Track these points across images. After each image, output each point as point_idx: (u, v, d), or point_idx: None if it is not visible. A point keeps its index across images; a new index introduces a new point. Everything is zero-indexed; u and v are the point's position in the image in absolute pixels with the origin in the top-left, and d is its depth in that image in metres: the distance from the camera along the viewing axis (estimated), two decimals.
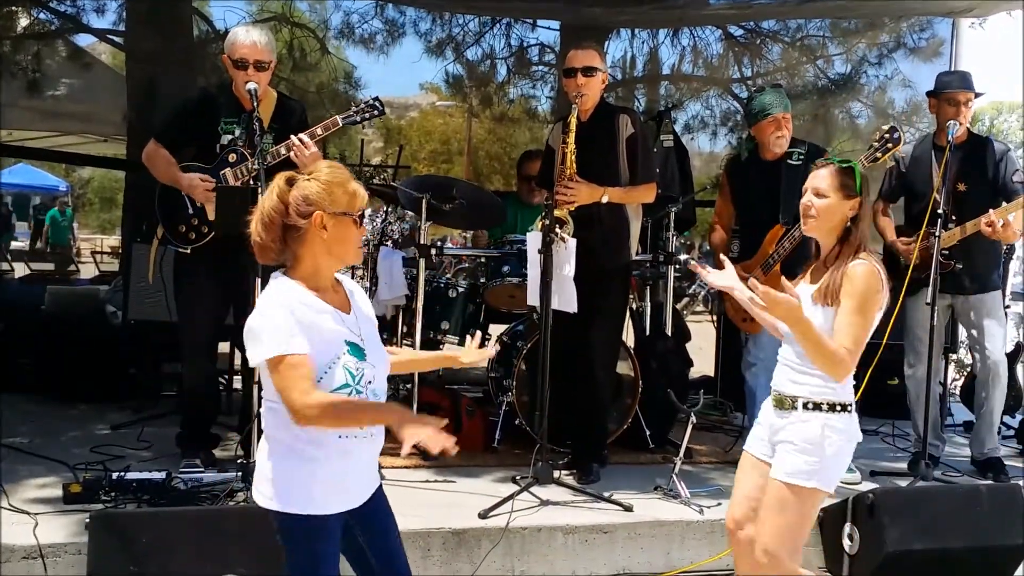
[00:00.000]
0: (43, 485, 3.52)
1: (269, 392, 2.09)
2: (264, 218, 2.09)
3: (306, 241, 2.09)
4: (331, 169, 2.14)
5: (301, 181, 2.11)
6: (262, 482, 2.12)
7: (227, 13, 10.15)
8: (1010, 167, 4.26)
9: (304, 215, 2.07)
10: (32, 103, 7.71)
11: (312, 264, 2.12)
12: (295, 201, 2.08)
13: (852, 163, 2.65)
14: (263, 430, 2.16)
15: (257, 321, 2.04)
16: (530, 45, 8.81)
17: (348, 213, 2.11)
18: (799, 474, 2.52)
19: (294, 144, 3.65)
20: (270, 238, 2.09)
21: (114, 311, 5.47)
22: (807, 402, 2.54)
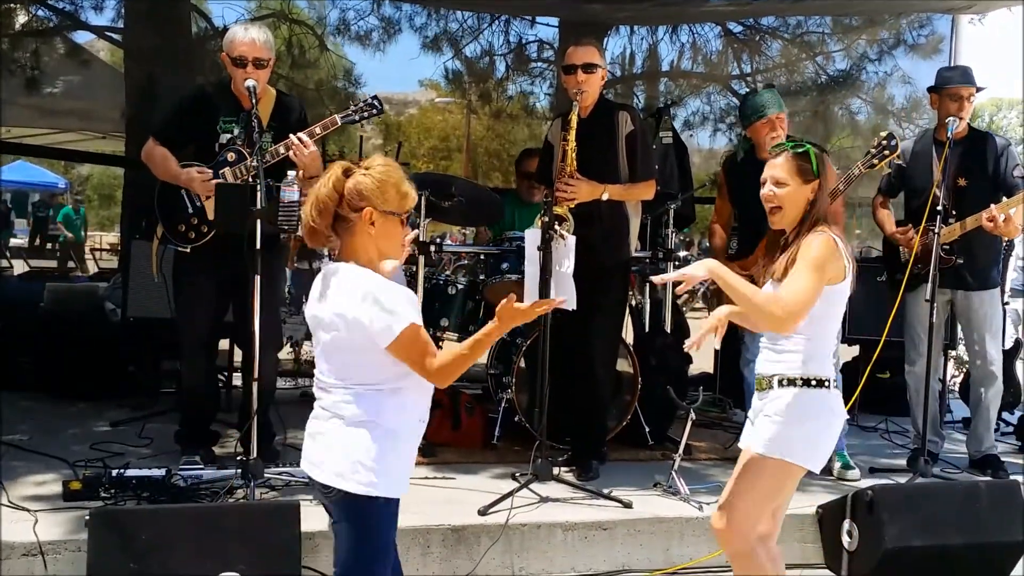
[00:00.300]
0: (43, 482, 3.53)
1: (367, 376, 2.15)
2: (319, 204, 2.16)
3: (354, 233, 2.18)
4: (386, 167, 2.20)
5: (357, 174, 2.18)
6: (358, 470, 2.13)
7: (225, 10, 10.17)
8: (1010, 162, 4.25)
9: (355, 208, 2.16)
10: (31, 100, 7.71)
11: (367, 256, 2.20)
12: (349, 193, 2.16)
13: (806, 146, 2.62)
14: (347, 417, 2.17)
15: (381, 294, 2.10)
16: (529, 42, 8.81)
17: (396, 213, 2.19)
18: (768, 443, 2.54)
19: (293, 143, 3.65)
20: (323, 223, 2.18)
21: (113, 308, 5.47)
22: (782, 379, 2.56)
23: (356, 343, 2.14)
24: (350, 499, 2.15)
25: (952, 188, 4.21)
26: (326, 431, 2.21)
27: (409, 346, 2.11)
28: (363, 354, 2.14)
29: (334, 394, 2.20)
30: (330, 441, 2.19)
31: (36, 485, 3.49)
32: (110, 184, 23.84)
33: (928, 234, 4.09)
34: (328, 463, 2.18)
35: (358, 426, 2.16)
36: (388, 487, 2.16)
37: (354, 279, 2.15)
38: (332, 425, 2.19)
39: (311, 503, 3.38)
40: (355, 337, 2.13)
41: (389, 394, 2.17)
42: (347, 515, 2.18)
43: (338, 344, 2.17)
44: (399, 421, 2.18)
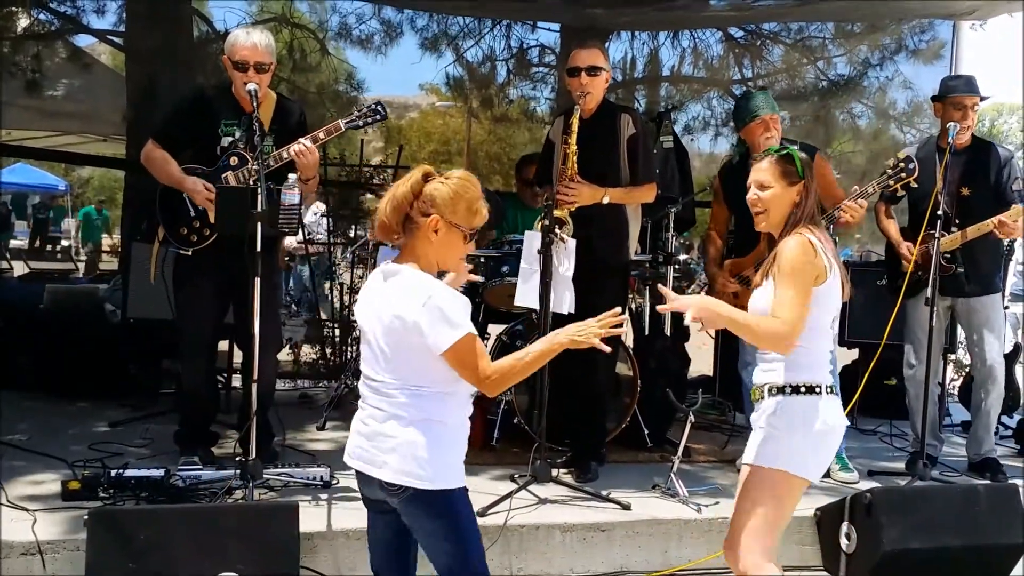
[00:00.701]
0: (42, 482, 3.53)
1: (425, 378, 2.21)
2: (394, 201, 2.25)
3: (418, 237, 2.26)
4: (465, 182, 2.28)
5: (435, 181, 2.26)
6: (424, 466, 2.20)
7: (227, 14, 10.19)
8: (1011, 175, 4.27)
9: (424, 213, 2.24)
10: (32, 103, 7.72)
11: (427, 260, 2.28)
12: (423, 197, 2.24)
13: (789, 149, 2.61)
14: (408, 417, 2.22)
15: (445, 303, 2.16)
16: (530, 46, 8.82)
17: (461, 227, 2.27)
18: (759, 453, 2.52)
19: (296, 149, 3.65)
20: (395, 220, 2.25)
21: (113, 309, 5.48)
22: (771, 387, 2.54)
23: (414, 346, 2.19)
24: (422, 495, 2.21)
25: (956, 197, 4.22)
26: (386, 432, 2.25)
27: (464, 356, 2.18)
28: (421, 357, 2.20)
29: (391, 395, 2.25)
30: (391, 442, 2.24)
31: (35, 485, 3.49)
32: (110, 187, 23.84)
33: (929, 240, 4.10)
34: (392, 463, 2.23)
35: (418, 425, 2.22)
36: (452, 479, 2.24)
37: (416, 283, 2.21)
38: (390, 426, 2.25)
39: (310, 504, 3.40)
40: (413, 340, 2.19)
41: (445, 395, 2.24)
42: (425, 511, 2.24)
43: (397, 346, 2.23)
44: (454, 418, 2.26)
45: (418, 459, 2.21)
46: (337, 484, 3.64)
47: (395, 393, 2.24)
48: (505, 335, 4.79)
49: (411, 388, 2.23)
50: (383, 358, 2.26)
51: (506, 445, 4.38)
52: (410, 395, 2.23)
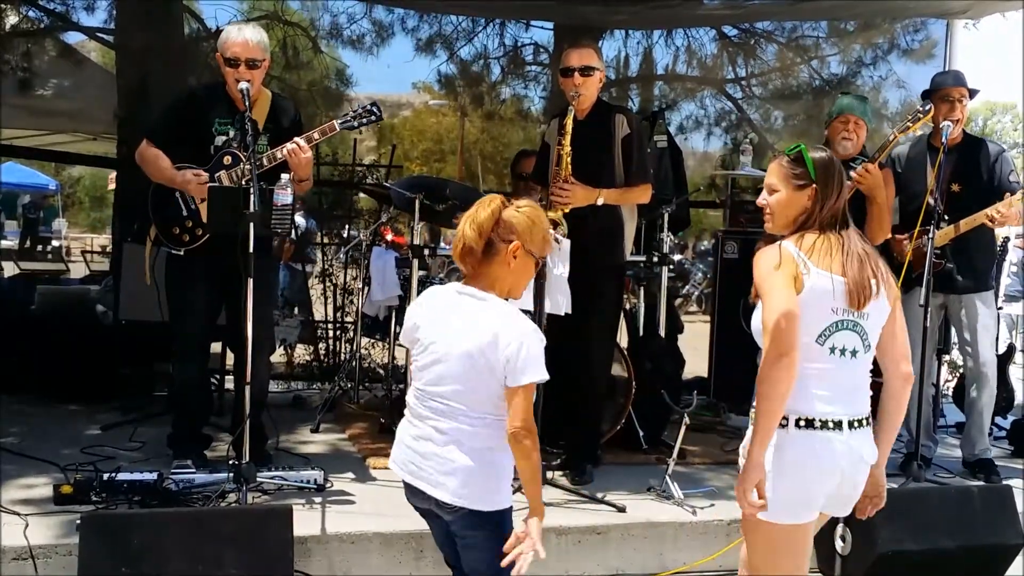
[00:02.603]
0: (34, 486, 3.50)
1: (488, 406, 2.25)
2: (479, 227, 2.29)
3: (495, 263, 2.30)
4: (537, 210, 2.36)
5: (511, 209, 2.32)
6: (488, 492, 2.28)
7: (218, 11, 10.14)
8: (1006, 167, 4.29)
9: (505, 239, 2.29)
10: (21, 101, 7.66)
11: (502, 287, 2.33)
12: (505, 223, 2.29)
13: (800, 147, 2.40)
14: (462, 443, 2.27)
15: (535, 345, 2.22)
16: (524, 45, 8.80)
17: (536, 255, 2.34)
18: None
19: (290, 149, 3.63)
20: (480, 246, 2.29)
21: (104, 311, 5.44)
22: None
23: (485, 375, 2.23)
24: (476, 514, 2.28)
25: (946, 193, 4.23)
26: (445, 455, 2.28)
27: (525, 399, 2.22)
28: (490, 385, 2.24)
29: (456, 419, 2.28)
30: (450, 466, 2.28)
31: (27, 489, 3.47)
32: (101, 186, 23.75)
33: (922, 238, 4.11)
34: (450, 485, 2.28)
35: (479, 453, 2.27)
36: (504, 500, 2.31)
37: (508, 316, 2.26)
38: (450, 451, 2.28)
39: (303, 507, 3.38)
40: (496, 371, 2.22)
41: (499, 421, 2.27)
42: (475, 526, 2.30)
43: (476, 373, 2.24)
44: (503, 443, 2.28)
45: (476, 484, 2.27)
46: (331, 487, 3.63)
47: (461, 418, 2.28)
48: None
49: (477, 416, 2.27)
50: (453, 380, 2.28)
51: None
52: (475, 422, 2.27)
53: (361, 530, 3.23)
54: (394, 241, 7.07)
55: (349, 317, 6.44)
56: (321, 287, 6.88)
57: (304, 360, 6.53)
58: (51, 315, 5.51)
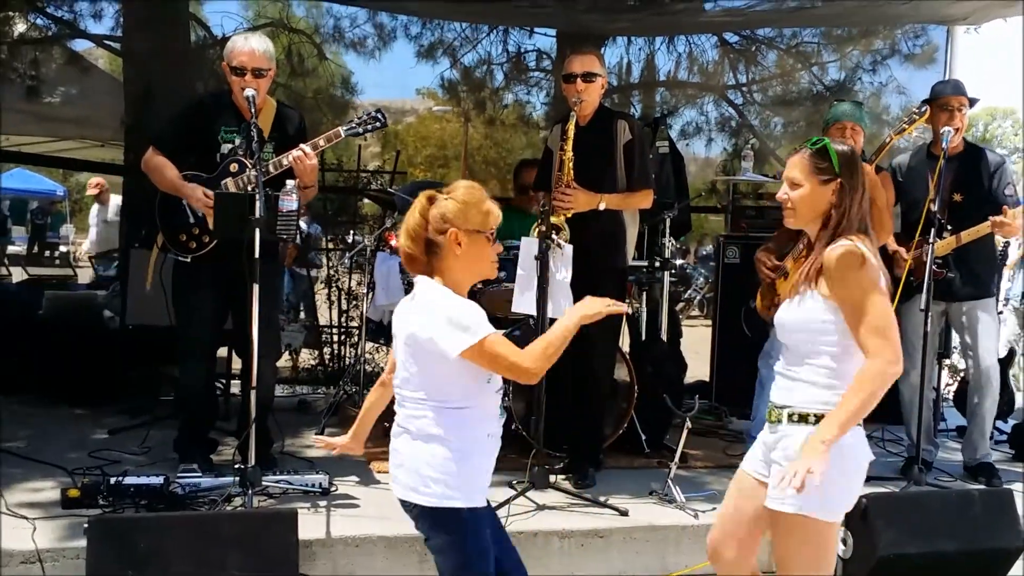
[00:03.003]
0: (41, 490, 3.54)
1: (435, 392, 2.24)
2: (410, 232, 2.30)
3: (444, 255, 2.29)
4: (468, 189, 2.33)
5: (440, 200, 2.30)
6: (426, 482, 2.23)
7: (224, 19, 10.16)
8: (1003, 180, 4.30)
9: (441, 231, 2.27)
10: (29, 108, 7.71)
11: (453, 277, 2.30)
12: (434, 219, 2.28)
13: (824, 140, 2.37)
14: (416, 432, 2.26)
15: (453, 313, 2.19)
16: (527, 51, 8.84)
17: (481, 231, 2.29)
18: (786, 500, 2.24)
19: (296, 156, 3.67)
20: (418, 250, 2.30)
21: (112, 316, 5.48)
22: (792, 414, 2.32)
23: (424, 358, 2.24)
24: (428, 512, 2.25)
25: (948, 202, 4.25)
26: (397, 447, 2.31)
27: (492, 355, 2.19)
28: (431, 369, 2.24)
29: (406, 408, 2.30)
30: (399, 457, 2.30)
31: (34, 492, 3.50)
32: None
33: (923, 246, 4.13)
34: (401, 477, 2.29)
35: (425, 440, 2.25)
36: (460, 497, 2.24)
37: (430, 299, 2.26)
38: (402, 441, 2.30)
39: (309, 511, 3.41)
40: (424, 352, 2.23)
41: (455, 411, 2.25)
42: (432, 527, 2.28)
43: (416, 359, 2.27)
44: (464, 436, 2.26)
45: (421, 475, 2.24)
46: (336, 491, 3.66)
47: (410, 407, 2.29)
48: None
49: (422, 402, 2.26)
50: (403, 367, 2.31)
51: (504, 451, 4.34)
52: (420, 409, 2.27)
53: (365, 534, 3.26)
54: (398, 246, 7.08)
55: (354, 322, 6.48)
56: (326, 292, 6.91)
57: (309, 364, 6.57)
58: (58, 320, 5.55)
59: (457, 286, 2.31)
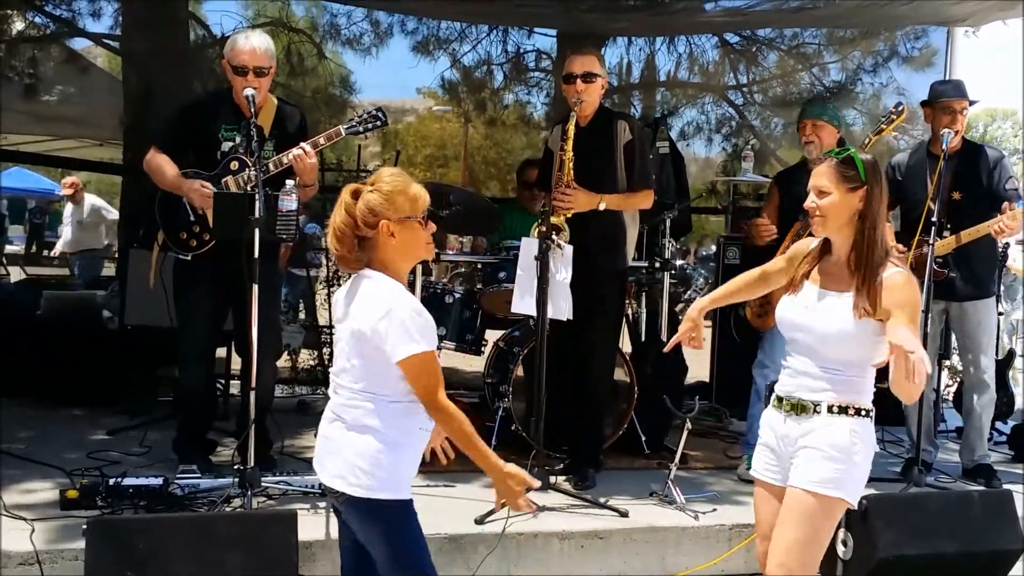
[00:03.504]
0: (39, 491, 3.53)
1: (373, 385, 2.21)
2: (336, 232, 2.24)
3: (378, 247, 2.25)
4: (392, 177, 2.28)
5: (365, 193, 2.25)
6: (356, 473, 2.20)
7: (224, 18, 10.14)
8: (1003, 174, 4.29)
9: (371, 225, 2.23)
10: (28, 107, 7.71)
11: (394, 268, 2.28)
12: (361, 213, 2.23)
13: (850, 150, 2.49)
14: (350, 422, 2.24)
15: (406, 315, 2.17)
16: (526, 51, 8.84)
17: (412, 217, 2.26)
18: (826, 482, 2.39)
19: (296, 154, 3.66)
20: (346, 249, 2.25)
21: (110, 316, 5.47)
22: (832, 405, 2.43)
23: (368, 352, 2.21)
24: (357, 502, 2.22)
25: (947, 201, 4.24)
26: (329, 434, 2.29)
27: (421, 371, 2.19)
28: (374, 364, 2.21)
29: (340, 396, 2.28)
30: (331, 445, 2.28)
31: (33, 494, 3.49)
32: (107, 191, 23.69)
33: (923, 246, 4.13)
34: (329, 465, 2.26)
35: (360, 431, 2.23)
36: (386, 489, 2.22)
37: (380, 292, 2.22)
38: (335, 428, 2.28)
39: (308, 512, 3.40)
40: (369, 347, 2.20)
41: (393, 405, 2.23)
42: (362, 519, 2.25)
43: (353, 349, 2.24)
44: (397, 428, 2.24)
45: (350, 465, 2.21)
46: None
47: (347, 396, 2.26)
48: (502, 341, 4.81)
49: (357, 393, 2.24)
50: (344, 358, 2.28)
51: (504, 452, 4.31)
52: (355, 400, 2.24)
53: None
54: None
55: None
56: (326, 292, 6.91)
57: (308, 365, 6.56)
58: (57, 320, 5.54)
59: (398, 275, 2.28)
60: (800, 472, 2.44)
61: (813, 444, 2.43)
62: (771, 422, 2.57)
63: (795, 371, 2.52)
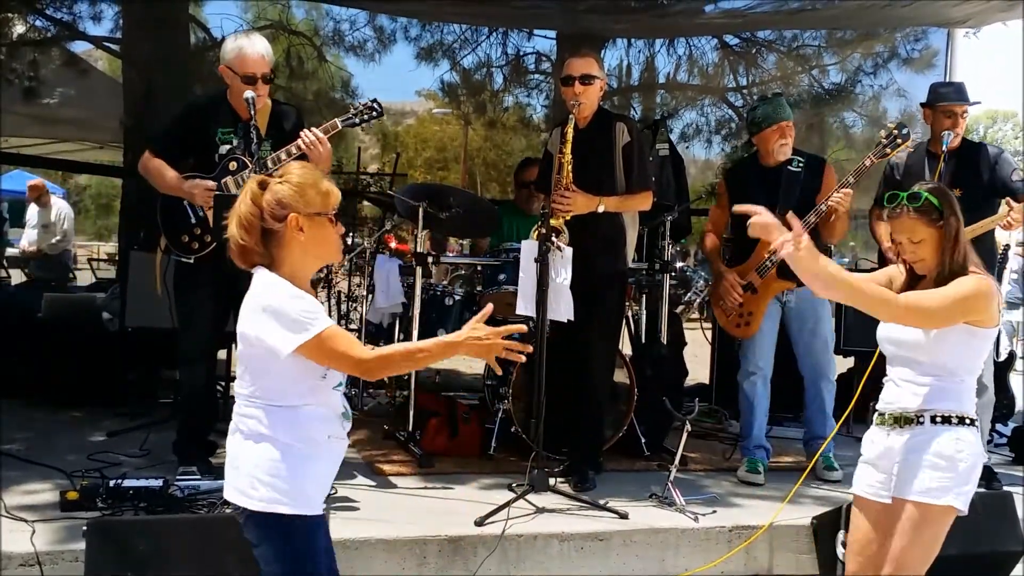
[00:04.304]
0: (40, 492, 3.53)
1: (266, 390, 2.09)
2: (243, 222, 2.11)
3: (284, 243, 2.11)
4: (302, 170, 2.15)
5: (273, 184, 2.12)
6: (254, 485, 2.08)
7: (224, 21, 10.19)
8: (1007, 167, 4.27)
9: (279, 218, 2.09)
10: (29, 110, 7.72)
11: (290, 266, 2.13)
12: (268, 205, 2.09)
13: (921, 194, 2.57)
14: (247, 432, 2.13)
15: (283, 307, 2.04)
16: (526, 54, 8.86)
17: (323, 213, 2.12)
18: (933, 491, 2.46)
19: (309, 140, 3.59)
20: (252, 241, 2.11)
21: (111, 318, 5.48)
22: (935, 415, 2.50)
23: (256, 355, 2.09)
24: (254, 516, 2.08)
25: None
26: (229, 446, 2.17)
27: (322, 354, 2.05)
28: (261, 368, 2.09)
29: (240, 406, 2.15)
30: (230, 456, 2.15)
31: (33, 495, 3.49)
32: (108, 194, 23.84)
33: None
34: (231, 479, 2.13)
35: (256, 440, 2.10)
36: (288, 503, 2.07)
37: (260, 291, 2.09)
38: (234, 440, 2.16)
39: None
40: (256, 350, 2.08)
41: (286, 410, 2.10)
42: (258, 534, 2.10)
43: (248, 357, 2.12)
44: (298, 437, 2.09)
45: (250, 477, 2.08)
46: (335, 493, 3.64)
47: (244, 405, 2.13)
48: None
49: (253, 400, 2.11)
50: (240, 362, 2.15)
51: (503, 454, 4.39)
52: (252, 408, 2.11)
53: (365, 536, 3.25)
54: (398, 249, 7.11)
55: (353, 324, 6.47)
56: (325, 294, 6.91)
57: None
58: (58, 322, 5.55)
59: (298, 275, 2.13)
60: (907, 483, 2.51)
61: (918, 455, 2.50)
62: (873, 438, 2.65)
63: (896, 382, 2.60)
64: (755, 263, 4.27)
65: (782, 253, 2.37)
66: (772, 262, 4.19)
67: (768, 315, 4.28)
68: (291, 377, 2.07)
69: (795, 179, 4.21)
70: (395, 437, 4.58)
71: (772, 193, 4.20)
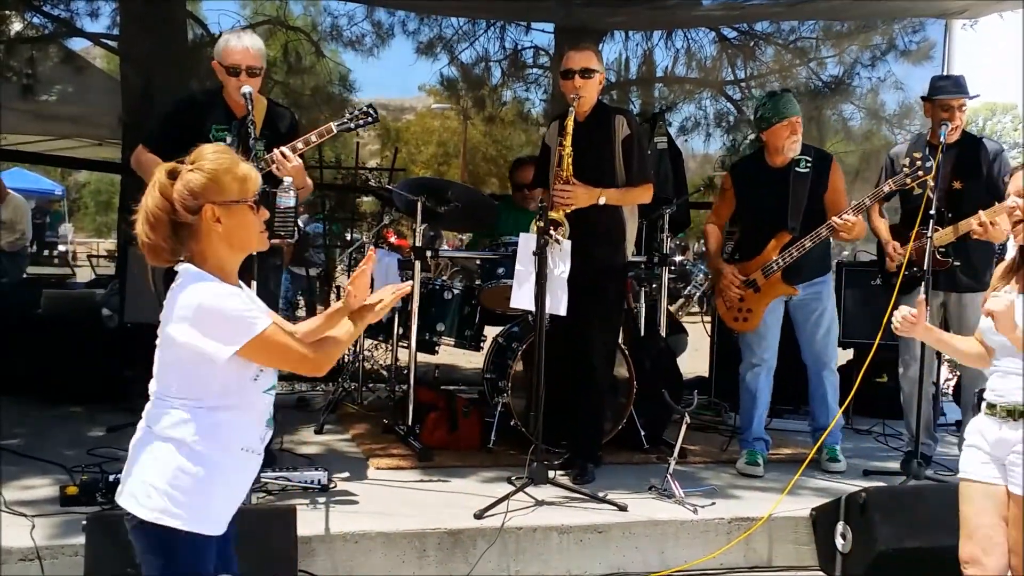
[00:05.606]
0: (39, 487, 3.53)
1: (190, 391, 1.91)
2: (149, 217, 1.89)
3: (202, 236, 1.92)
4: (216, 155, 1.94)
5: (184, 173, 1.91)
6: (148, 492, 1.89)
7: (222, 17, 10.19)
8: (1003, 168, 4.29)
9: (192, 210, 1.88)
10: (27, 107, 7.73)
11: (216, 260, 1.94)
12: (180, 196, 1.88)
13: None
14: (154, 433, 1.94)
15: (218, 306, 1.86)
16: (524, 48, 8.85)
17: (242, 200, 1.94)
18: None
19: (276, 158, 3.57)
20: (160, 238, 1.89)
21: (110, 314, 5.48)
22: None
23: (184, 358, 1.90)
24: (142, 526, 1.89)
25: (947, 191, 4.24)
26: (132, 446, 1.97)
27: (262, 354, 1.90)
28: (185, 367, 1.91)
29: (150, 404, 1.97)
30: (129, 458, 1.96)
31: (32, 490, 3.50)
32: (107, 190, 23.86)
33: (922, 237, 4.12)
34: (127, 480, 1.94)
35: (162, 442, 1.91)
36: (183, 517, 1.88)
37: (190, 291, 1.89)
38: (137, 440, 1.97)
39: (307, 507, 3.41)
40: (185, 352, 1.89)
41: (206, 412, 1.91)
42: (144, 546, 1.92)
43: (166, 353, 1.94)
44: (209, 445, 1.91)
45: (147, 484, 1.89)
46: (335, 487, 3.66)
47: (155, 402, 1.95)
48: (501, 337, 4.81)
49: (178, 399, 1.92)
50: (157, 361, 1.95)
51: (503, 447, 4.40)
52: (172, 407, 1.92)
53: (364, 530, 3.26)
54: (397, 244, 7.11)
55: None
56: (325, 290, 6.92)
57: None
58: (57, 318, 5.55)
59: (225, 268, 1.95)
60: (1019, 478, 2.51)
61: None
62: (983, 429, 2.63)
63: (1005, 372, 2.60)
64: (762, 262, 4.28)
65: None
66: (779, 265, 4.21)
67: (771, 309, 4.29)
68: (220, 377, 1.90)
69: (804, 181, 4.23)
70: (395, 431, 4.59)
71: (781, 195, 4.23)
